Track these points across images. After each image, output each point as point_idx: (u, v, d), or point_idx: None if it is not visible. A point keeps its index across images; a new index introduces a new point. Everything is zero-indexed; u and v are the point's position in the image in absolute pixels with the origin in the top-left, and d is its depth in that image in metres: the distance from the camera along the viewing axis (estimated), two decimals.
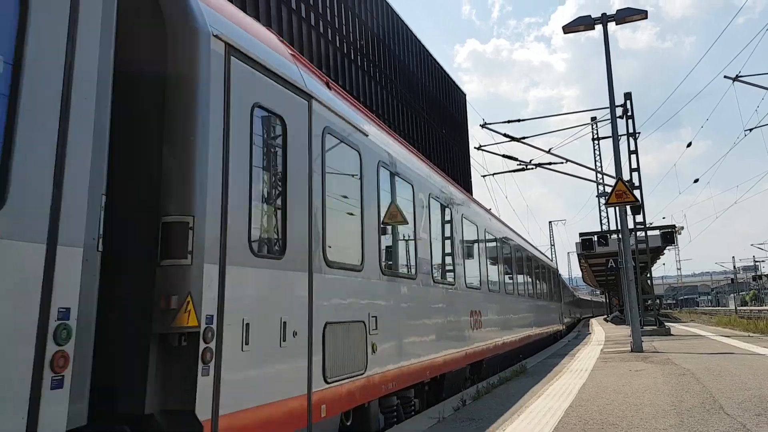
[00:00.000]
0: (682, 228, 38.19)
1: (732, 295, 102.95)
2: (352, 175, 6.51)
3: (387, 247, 7.33)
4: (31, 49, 2.82)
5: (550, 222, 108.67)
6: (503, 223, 16.95)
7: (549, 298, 25.01)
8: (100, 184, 3.17)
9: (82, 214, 3.02)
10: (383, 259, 6.94)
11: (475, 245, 12.34)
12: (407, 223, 8.18)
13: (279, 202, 4.96)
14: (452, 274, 10.25)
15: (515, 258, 16.94)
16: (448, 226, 10.47)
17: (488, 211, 14.82)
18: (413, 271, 8.12)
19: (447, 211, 10.41)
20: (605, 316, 58.92)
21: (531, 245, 22.21)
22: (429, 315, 8.48)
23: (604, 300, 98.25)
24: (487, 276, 12.87)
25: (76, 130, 3.00)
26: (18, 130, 2.72)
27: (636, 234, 24.01)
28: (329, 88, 6.33)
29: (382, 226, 7.07)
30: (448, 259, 10.26)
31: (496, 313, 13.27)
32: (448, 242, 10.34)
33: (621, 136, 20.56)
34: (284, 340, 4.70)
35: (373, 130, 7.29)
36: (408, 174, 8.31)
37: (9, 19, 2.77)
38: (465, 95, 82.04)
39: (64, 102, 2.96)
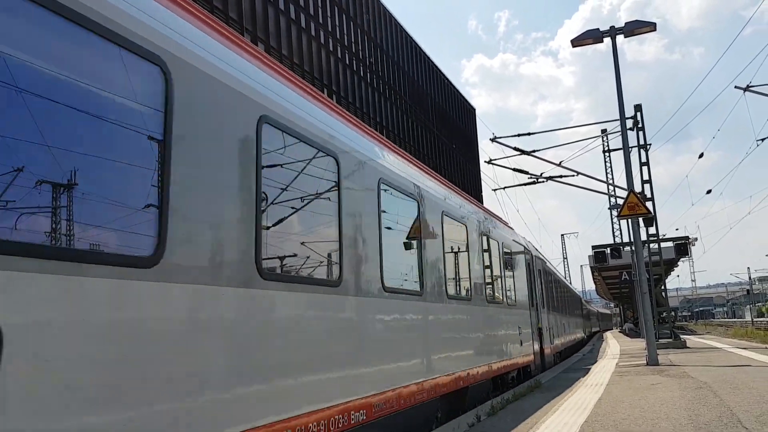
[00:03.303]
0: (696, 239, 37.99)
1: (748, 306, 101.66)
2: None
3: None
4: None
5: (562, 235, 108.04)
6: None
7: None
8: None
9: None
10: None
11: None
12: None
13: None
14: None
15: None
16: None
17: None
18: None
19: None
20: (618, 328, 58.48)
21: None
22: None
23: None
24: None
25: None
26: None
27: (649, 246, 23.86)
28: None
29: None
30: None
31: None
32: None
33: (632, 148, 20.53)
34: None
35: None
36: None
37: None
38: (474, 110, 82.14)
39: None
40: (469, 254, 10.63)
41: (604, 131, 33.68)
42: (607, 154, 42.38)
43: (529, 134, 24.47)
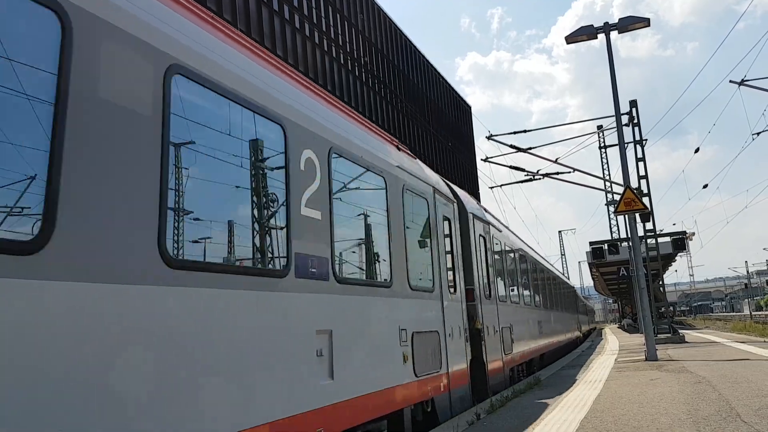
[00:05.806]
0: (693, 234, 38.02)
1: (746, 300, 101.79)
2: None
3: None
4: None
5: (559, 231, 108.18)
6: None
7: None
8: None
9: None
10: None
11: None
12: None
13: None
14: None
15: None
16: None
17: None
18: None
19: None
20: (617, 324, 58.65)
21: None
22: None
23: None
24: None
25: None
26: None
27: (646, 241, 23.90)
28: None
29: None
30: None
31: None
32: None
33: (628, 143, 20.58)
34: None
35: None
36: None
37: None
38: (470, 107, 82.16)
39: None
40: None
41: (599, 127, 33.63)
42: (603, 150, 42.35)
43: (524, 131, 24.49)
